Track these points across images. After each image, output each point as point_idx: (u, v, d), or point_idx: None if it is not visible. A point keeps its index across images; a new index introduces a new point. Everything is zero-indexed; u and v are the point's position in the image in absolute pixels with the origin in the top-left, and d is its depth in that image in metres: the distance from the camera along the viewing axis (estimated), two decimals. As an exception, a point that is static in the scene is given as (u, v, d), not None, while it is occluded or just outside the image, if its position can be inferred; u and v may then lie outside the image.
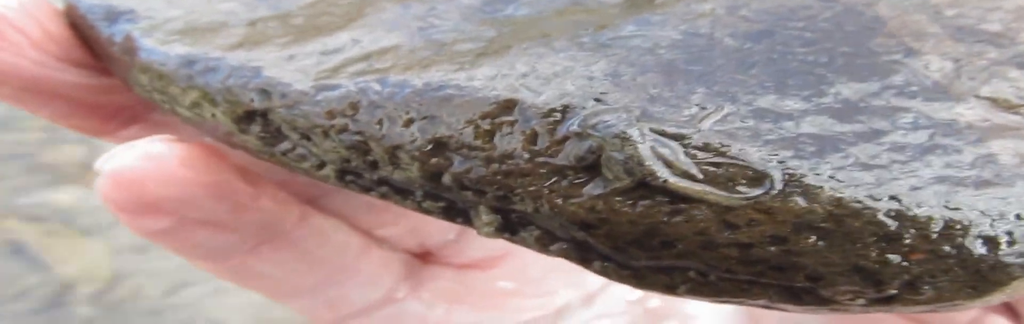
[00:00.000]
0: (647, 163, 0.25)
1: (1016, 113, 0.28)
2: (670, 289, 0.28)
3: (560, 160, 0.26)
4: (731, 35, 0.31)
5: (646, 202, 0.26)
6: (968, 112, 0.27)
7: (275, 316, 0.96)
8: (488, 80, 0.28)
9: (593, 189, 0.26)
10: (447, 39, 0.32)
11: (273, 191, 0.37)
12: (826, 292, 0.26)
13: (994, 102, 0.28)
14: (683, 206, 0.25)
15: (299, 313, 0.46)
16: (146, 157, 0.33)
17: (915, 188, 0.25)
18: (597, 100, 0.27)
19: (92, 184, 0.34)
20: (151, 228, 0.35)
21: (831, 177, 0.25)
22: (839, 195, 0.25)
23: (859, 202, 0.25)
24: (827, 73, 0.29)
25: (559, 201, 0.27)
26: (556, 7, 0.35)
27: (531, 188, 0.27)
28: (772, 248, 0.25)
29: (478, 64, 0.30)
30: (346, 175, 0.31)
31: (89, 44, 0.37)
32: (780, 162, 0.25)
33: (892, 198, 0.25)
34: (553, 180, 0.27)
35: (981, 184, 0.25)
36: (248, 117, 0.31)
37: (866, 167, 0.25)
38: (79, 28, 0.37)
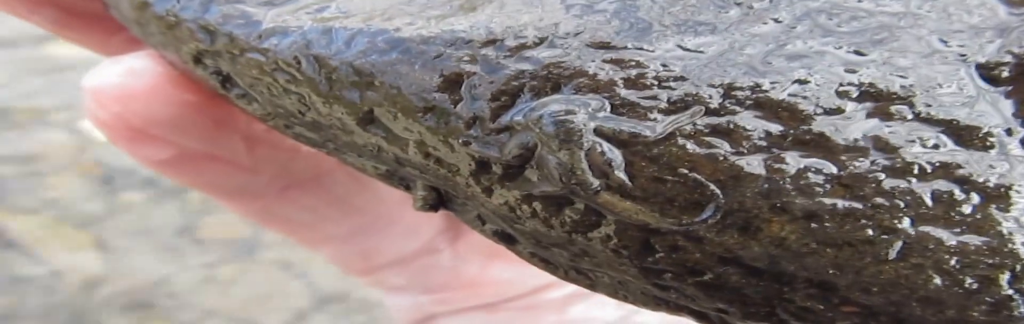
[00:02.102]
0: (580, 173, 0.23)
1: None
2: (590, 287, 0.27)
3: (492, 151, 0.24)
4: None
5: (569, 211, 0.24)
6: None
7: (268, 305, 0.99)
8: (446, 45, 0.25)
9: (519, 186, 0.24)
10: None
11: None
12: (738, 323, 0.24)
13: None
14: (607, 221, 0.23)
15: (330, 261, 0.45)
16: (131, 73, 0.31)
17: (876, 240, 0.22)
18: (555, 86, 0.24)
19: (83, 175, 0.33)
20: (153, 158, 0.33)
21: (785, 211, 0.22)
22: (785, 235, 0.22)
23: (806, 246, 0.22)
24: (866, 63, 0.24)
25: (483, 194, 0.25)
26: None
27: (457, 177, 0.25)
28: (689, 278, 0.23)
29: (445, 20, 0.26)
30: (292, 127, 0.30)
31: None
32: (732, 188, 0.22)
33: (846, 244, 0.22)
34: (480, 172, 0.25)
35: (960, 238, 0.22)
36: (199, 58, 0.29)
37: (836, 212, 0.22)
38: None
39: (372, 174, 0.29)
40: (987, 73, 0.24)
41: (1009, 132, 0.23)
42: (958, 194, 0.22)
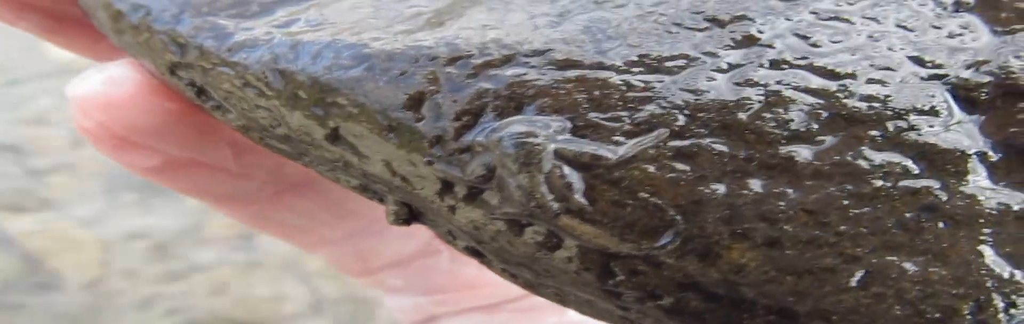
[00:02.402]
0: (539, 196, 0.23)
1: None
2: (561, 303, 0.27)
3: (456, 171, 0.24)
4: None
5: (531, 232, 0.24)
6: None
7: (271, 305, 0.97)
8: (410, 62, 0.25)
9: (483, 206, 0.24)
10: None
11: None
12: None
13: None
14: (569, 244, 0.23)
15: (328, 262, 0.45)
16: (112, 81, 0.31)
17: (838, 268, 0.22)
18: (518, 106, 0.24)
19: (80, 175, 0.33)
20: (139, 165, 0.33)
21: (746, 238, 0.22)
22: (745, 262, 0.22)
23: (766, 274, 0.22)
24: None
25: (448, 211, 0.25)
26: None
27: (422, 195, 0.25)
28: (649, 302, 0.23)
29: (411, 35, 0.26)
30: (266, 140, 0.30)
31: None
32: (693, 213, 0.22)
33: (807, 272, 0.22)
34: (445, 191, 0.25)
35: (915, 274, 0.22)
36: (173, 69, 0.29)
37: (798, 239, 0.22)
38: None
39: (346, 186, 0.29)
40: (965, 95, 0.23)
41: (983, 158, 0.22)
42: (925, 222, 0.22)
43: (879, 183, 0.22)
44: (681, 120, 0.23)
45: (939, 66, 0.23)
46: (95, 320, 1.02)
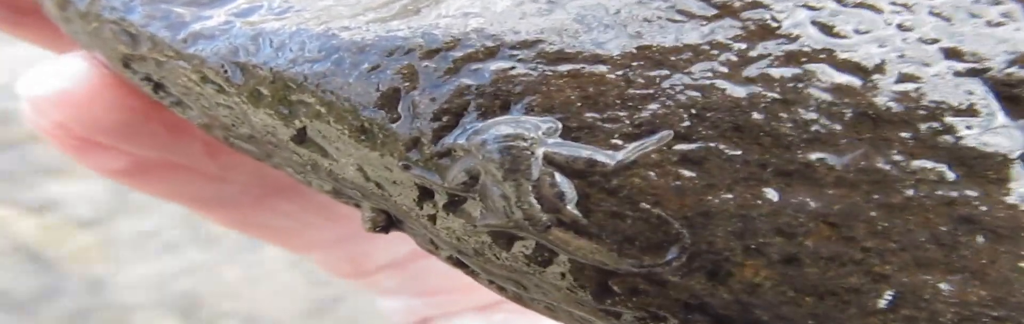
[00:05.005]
0: (527, 207, 0.20)
1: None
2: (553, 318, 0.25)
3: (435, 178, 0.21)
4: None
5: (519, 245, 0.21)
6: None
7: (278, 303, 0.96)
8: (384, 55, 0.22)
9: (465, 216, 0.22)
10: None
11: None
12: None
13: None
14: (561, 259, 0.21)
15: (318, 265, 0.44)
16: (66, 77, 0.28)
17: (864, 288, 0.19)
18: (504, 105, 0.21)
19: (89, 175, 0.31)
20: (106, 168, 0.31)
21: (760, 254, 0.19)
22: (759, 281, 0.20)
23: (783, 295, 0.19)
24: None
25: (427, 221, 0.22)
26: None
27: (399, 202, 0.23)
28: (651, 323, 0.21)
29: (385, 24, 0.23)
30: (230, 140, 0.27)
31: None
32: (701, 226, 0.20)
33: (829, 293, 0.19)
34: (424, 198, 0.22)
35: None
36: (127, 62, 0.26)
37: (819, 256, 0.19)
38: None
39: (319, 190, 0.27)
40: (1008, 92, 0.21)
41: None
42: (962, 236, 0.19)
43: (910, 192, 0.20)
44: (687, 121, 0.20)
45: (978, 59, 0.21)
46: (101, 319, 1.01)
